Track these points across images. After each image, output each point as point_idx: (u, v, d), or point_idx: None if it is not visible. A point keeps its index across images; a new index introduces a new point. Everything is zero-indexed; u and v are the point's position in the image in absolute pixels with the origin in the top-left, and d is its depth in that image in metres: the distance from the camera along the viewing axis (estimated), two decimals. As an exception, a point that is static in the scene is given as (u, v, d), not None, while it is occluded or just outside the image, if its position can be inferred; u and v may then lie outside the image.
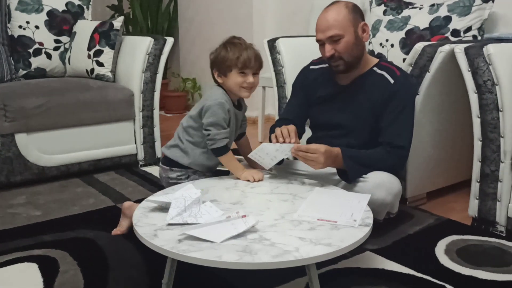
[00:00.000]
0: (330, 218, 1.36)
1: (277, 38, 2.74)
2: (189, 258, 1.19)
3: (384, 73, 1.85)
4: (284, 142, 1.73)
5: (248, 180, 1.71)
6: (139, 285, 1.56)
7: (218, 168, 1.90)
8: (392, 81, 1.82)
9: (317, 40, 1.83)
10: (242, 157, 1.99)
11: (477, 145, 1.90)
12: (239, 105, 1.86)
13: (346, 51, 1.79)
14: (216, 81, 1.79)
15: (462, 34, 2.34)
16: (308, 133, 2.08)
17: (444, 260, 1.69)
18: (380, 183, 1.70)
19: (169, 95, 4.65)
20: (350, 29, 1.78)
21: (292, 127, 1.78)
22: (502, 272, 1.60)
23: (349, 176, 1.73)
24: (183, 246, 1.22)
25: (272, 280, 1.56)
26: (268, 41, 2.77)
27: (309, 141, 2.05)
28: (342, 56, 1.79)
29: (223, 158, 1.77)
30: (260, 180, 1.72)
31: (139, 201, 1.68)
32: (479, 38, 2.35)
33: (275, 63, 2.74)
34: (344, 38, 1.77)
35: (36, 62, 2.93)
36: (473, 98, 1.87)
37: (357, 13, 1.82)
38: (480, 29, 2.35)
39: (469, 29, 2.34)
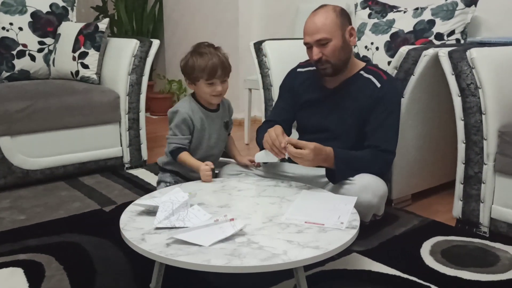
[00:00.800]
0: (317, 221, 1.37)
1: (263, 41, 2.75)
2: (177, 262, 1.19)
3: (371, 77, 1.87)
4: (274, 146, 1.72)
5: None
6: (126, 289, 1.56)
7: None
8: (378, 85, 1.84)
9: (305, 43, 1.84)
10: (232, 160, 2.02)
11: (461, 148, 1.93)
12: (218, 107, 1.92)
13: (334, 54, 1.80)
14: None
15: (445, 37, 2.38)
16: (295, 136, 2.09)
17: (429, 261, 1.72)
18: (367, 186, 1.72)
19: (154, 97, 4.64)
20: (338, 33, 1.79)
21: (278, 129, 1.78)
22: (486, 273, 1.63)
23: (335, 178, 1.74)
24: (171, 250, 1.22)
25: (260, 282, 1.56)
26: (254, 44, 2.78)
27: (296, 144, 2.07)
28: (330, 59, 1.81)
29: (179, 159, 1.82)
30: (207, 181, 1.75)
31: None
32: (462, 41, 2.39)
33: (261, 65, 2.75)
34: (332, 42, 1.79)
35: (20, 64, 2.89)
36: (457, 101, 1.90)
37: (345, 17, 1.84)
38: (463, 32, 2.39)
39: (452, 32, 2.38)
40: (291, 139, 1.71)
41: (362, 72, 1.89)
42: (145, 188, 2.48)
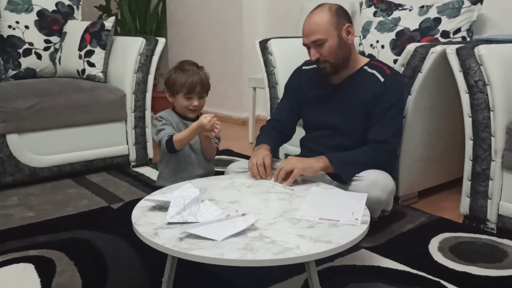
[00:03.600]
0: (332, 217, 1.37)
1: (269, 39, 2.75)
2: (191, 256, 1.19)
3: (374, 72, 1.87)
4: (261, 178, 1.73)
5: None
6: (138, 284, 1.56)
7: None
8: (382, 79, 1.84)
9: (303, 44, 1.87)
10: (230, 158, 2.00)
11: (469, 144, 1.94)
12: (196, 118, 1.93)
13: (331, 54, 1.81)
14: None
15: (451, 35, 2.38)
16: (302, 133, 2.10)
17: (438, 257, 1.73)
18: (375, 182, 1.72)
19: (158, 96, 4.64)
20: (333, 33, 1.80)
21: (268, 162, 1.75)
22: (495, 268, 1.64)
23: (341, 177, 1.75)
24: (185, 244, 1.23)
25: (270, 278, 1.57)
26: (260, 42, 2.79)
27: (302, 142, 2.07)
28: (327, 59, 1.82)
29: (177, 143, 1.79)
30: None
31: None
32: (468, 39, 2.39)
33: (267, 64, 2.76)
34: (328, 42, 1.80)
35: (26, 62, 2.90)
36: (465, 98, 1.91)
37: (341, 16, 1.84)
38: (469, 30, 2.40)
39: (458, 30, 2.38)
40: (278, 176, 1.69)
41: (366, 67, 1.90)
42: (152, 186, 2.48)
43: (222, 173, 1.96)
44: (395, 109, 1.84)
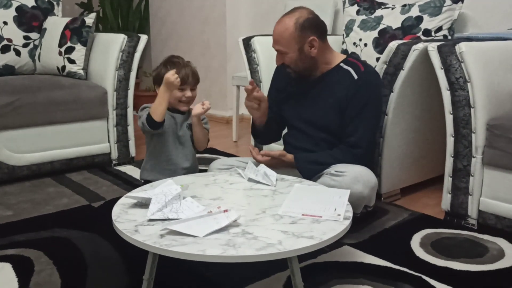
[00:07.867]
0: (314, 213, 1.37)
1: (253, 37, 2.75)
2: (172, 252, 1.17)
3: (350, 69, 1.88)
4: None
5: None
6: (118, 283, 1.54)
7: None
8: (356, 77, 1.85)
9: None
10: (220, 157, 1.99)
11: (450, 141, 1.95)
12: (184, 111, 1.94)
13: (291, 64, 1.86)
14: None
15: (433, 33, 2.40)
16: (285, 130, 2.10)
17: (420, 252, 1.74)
18: (358, 177, 1.73)
19: (140, 95, 4.60)
20: (294, 47, 1.82)
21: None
22: (475, 263, 1.65)
23: (301, 174, 1.80)
24: (166, 241, 1.21)
25: (253, 275, 1.56)
26: (243, 40, 2.78)
27: (284, 138, 2.08)
28: (290, 66, 1.87)
29: (153, 113, 1.80)
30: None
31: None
32: (449, 37, 2.41)
33: (250, 61, 2.75)
34: (288, 54, 1.84)
35: (4, 59, 2.85)
36: (446, 95, 1.92)
37: (307, 29, 1.82)
38: (450, 29, 2.42)
39: (440, 29, 2.40)
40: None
41: (342, 64, 1.91)
42: (134, 185, 2.45)
43: (205, 171, 1.94)
44: (369, 110, 1.85)
